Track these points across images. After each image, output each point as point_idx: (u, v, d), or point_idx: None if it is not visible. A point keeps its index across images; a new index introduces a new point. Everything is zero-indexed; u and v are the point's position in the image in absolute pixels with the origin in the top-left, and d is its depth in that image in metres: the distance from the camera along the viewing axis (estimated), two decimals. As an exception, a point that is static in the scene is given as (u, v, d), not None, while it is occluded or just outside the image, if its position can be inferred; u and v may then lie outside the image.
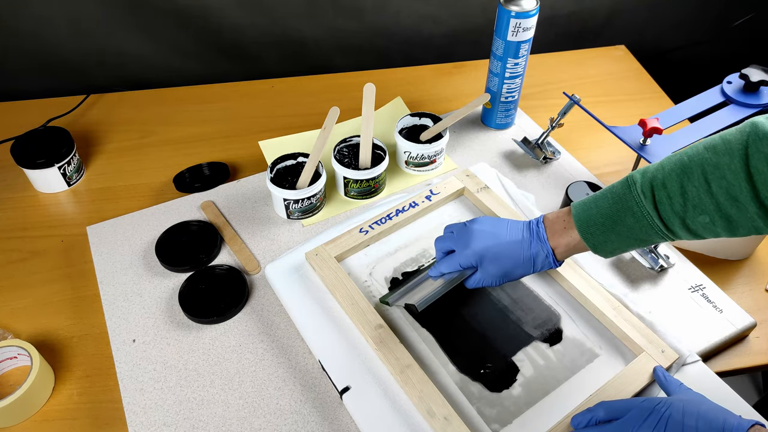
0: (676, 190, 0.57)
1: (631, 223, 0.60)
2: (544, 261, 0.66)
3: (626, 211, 0.60)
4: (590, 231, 0.62)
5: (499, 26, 0.92)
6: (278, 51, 1.21)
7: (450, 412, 0.63)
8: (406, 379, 0.66)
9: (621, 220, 0.60)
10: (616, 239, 0.61)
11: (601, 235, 0.62)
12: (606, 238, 0.62)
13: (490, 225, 0.69)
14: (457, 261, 0.68)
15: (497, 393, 0.67)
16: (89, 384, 0.73)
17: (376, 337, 0.69)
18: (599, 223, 0.61)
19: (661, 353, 0.68)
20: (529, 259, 0.66)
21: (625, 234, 0.60)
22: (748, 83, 0.94)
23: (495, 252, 0.66)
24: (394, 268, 0.79)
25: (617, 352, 0.70)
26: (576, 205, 0.64)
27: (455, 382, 0.68)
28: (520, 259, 0.66)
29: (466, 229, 0.69)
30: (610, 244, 0.62)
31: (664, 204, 0.57)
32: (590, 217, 0.62)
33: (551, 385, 0.68)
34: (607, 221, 0.61)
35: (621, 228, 0.60)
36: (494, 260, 0.66)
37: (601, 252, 0.63)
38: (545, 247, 0.65)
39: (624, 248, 0.62)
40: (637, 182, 0.59)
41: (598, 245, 0.63)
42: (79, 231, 0.89)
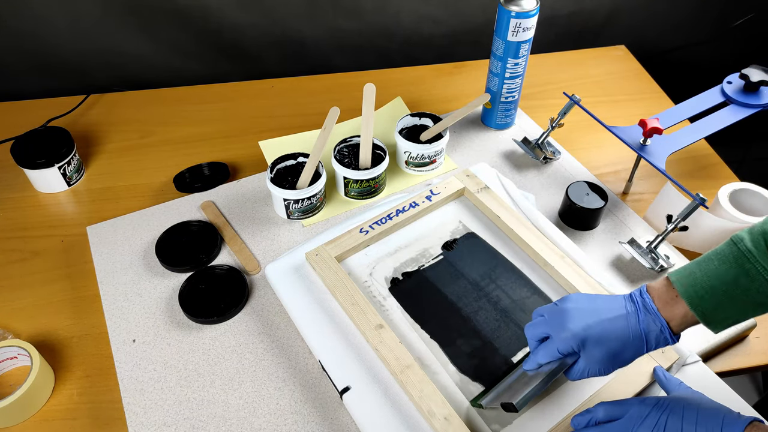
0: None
1: (745, 284, 0.53)
2: (659, 337, 0.57)
3: (738, 270, 0.54)
4: (700, 299, 0.55)
5: (499, 26, 0.92)
6: (278, 51, 1.21)
7: (450, 412, 0.63)
8: (406, 379, 0.66)
9: (735, 283, 0.54)
10: (729, 305, 0.54)
11: (712, 302, 0.55)
12: (718, 305, 0.54)
13: (587, 301, 0.60)
14: (555, 347, 0.59)
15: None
16: (89, 384, 0.73)
17: (376, 337, 0.69)
18: (709, 289, 0.54)
19: (661, 353, 0.68)
20: (639, 335, 0.57)
21: (740, 297, 0.54)
22: (748, 83, 0.94)
23: (598, 332, 0.57)
24: (394, 268, 0.79)
25: None
26: (676, 272, 0.57)
27: (455, 382, 0.68)
28: (628, 336, 0.57)
29: (559, 309, 0.60)
30: (723, 313, 0.55)
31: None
32: (697, 284, 0.55)
33: (551, 386, 0.68)
34: (719, 286, 0.54)
35: (734, 291, 0.54)
36: (598, 342, 0.57)
37: (714, 324, 0.56)
38: (657, 320, 0.57)
39: (739, 316, 0.55)
40: (745, 238, 0.54)
41: (709, 315, 0.55)
42: (79, 231, 0.89)
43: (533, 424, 0.64)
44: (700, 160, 1.01)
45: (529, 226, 0.80)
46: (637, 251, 0.82)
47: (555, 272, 0.76)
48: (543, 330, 0.60)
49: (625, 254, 0.84)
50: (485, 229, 0.84)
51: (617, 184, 0.96)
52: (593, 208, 0.85)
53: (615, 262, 0.83)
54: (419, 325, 0.73)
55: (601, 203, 0.86)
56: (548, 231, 0.82)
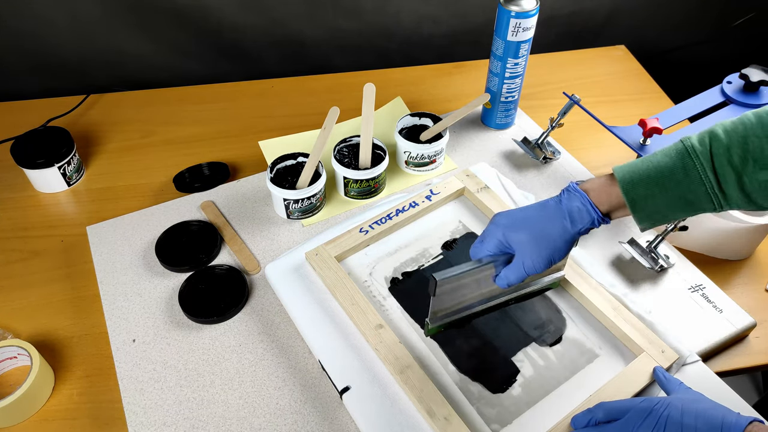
0: (736, 142, 0.51)
1: (680, 177, 0.54)
2: (581, 211, 0.57)
3: (678, 164, 0.54)
4: (632, 184, 0.55)
5: (499, 26, 0.92)
6: (278, 51, 1.21)
7: (450, 412, 0.63)
8: (406, 379, 0.66)
9: (670, 174, 0.54)
10: (660, 197, 0.55)
11: (644, 188, 0.55)
12: (649, 193, 0.55)
13: (515, 209, 0.63)
14: (483, 247, 0.62)
15: (497, 393, 0.67)
16: (89, 384, 0.73)
17: (376, 337, 0.69)
18: (644, 176, 0.55)
19: (661, 353, 0.68)
20: (563, 215, 0.57)
21: (673, 191, 0.54)
22: (748, 83, 0.94)
23: (522, 222, 0.58)
24: (394, 268, 0.79)
25: (617, 353, 0.70)
26: (621, 165, 0.58)
27: (455, 382, 0.68)
28: (553, 218, 0.57)
29: (490, 220, 0.64)
30: (652, 202, 0.55)
31: (720, 157, 0.52)
32: (635, 169, 0.56)
33: (551, 386, 0.68)
34: (654, 174, 0.55)
35: (668, 182, 0.54)
36: (525, 232, 0.58)
37: (640, 211, 0.56)
38: (580, 195, 0.57)
39: (667, 213, 0.56)
40: (692, 137, 0.54)
41: (638, 201, 0.56)
42: (79, 231, 0.89)
43: (533, 424, 0.64)
44: (700, 160, 1.01)
45: None
46: (637, 251, 0.82)
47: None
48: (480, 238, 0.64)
49: (625, 254, 0.84)
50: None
51: (617, 184, 0.96)
52: (593, 208, 0.85)
53: (615, 262, 0.83)
54: (419, 325, 0.73)
55: (601, 203, 0.85)
56: (548, 231, 0.82)
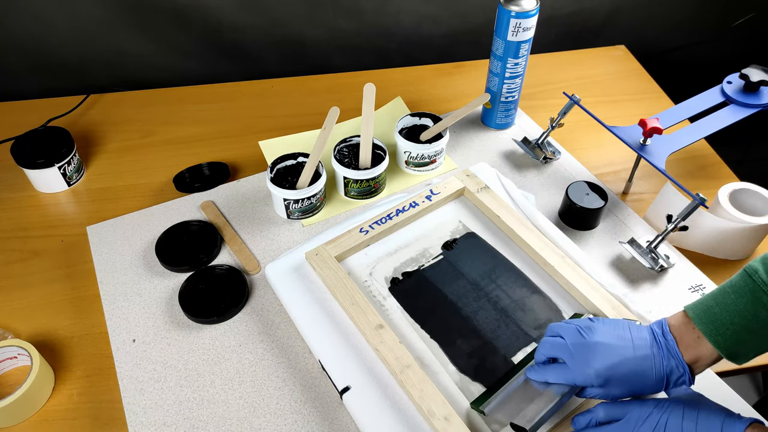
0: None
1: (764, 317, 0.52)
2: (678, 380, 0.56)
3: (755, 303, 0.53)
4: (723, 336, 0.54)
5: (499, 26, 0.92)
6: (278, 51, 1.21)
7: (450, 412, 0.63)
8: (406, 379, 0.66)
9: (752, 316, 0.53)
10: (751, 340, 0.54)
11: (733, 339, 0.54)
12: (739, 340, 0.54)
13: (612, 336, 0.58)
14: (571, 377, 0.58)
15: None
16: (89, 384, 0.73)
17: (376, 337, 0.69)
18: (730, 326, 0.54)
19: None
20: (661, 378, 0.56)
21: (761, 331, 0.53)
22: (748, 83, 0.94)
23: (622, 373, 0.56)
24: (394, 268, 0.79)
25: None
26: (695, 310, 0.56)
27: (455, 382, 0.68)
28: (652, 379, 0.56)
29: (584, 343, 0.58)
30: (745, 346, 0.54)
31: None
32: (717, 321, 0.54)
33: None
34: (739, 322, 0.53)
35: (754, 325, 0.53)
36: (621, 382, 0.56)
37: (737, 359, 0.55)
38: (681, 365, 0.56)
39: (761, 350, 0.55)
40: (759, 269, 0.53)
41: (732, 351, 0.54)
42: (79, 231, 0.89)
43: (533, 424, 0.64)
44: (700, 160, 1.01)
45: (529, 226, 0.81)
46: (637, 251, 0.82)
47: (555, 272, 0.76)
48: (561, 355, 0.59)
49: (625, 254, 0.84)
50: (485, 229, 0.84)
51: (617, 184, 0.96)
52: (593, 208, 0.85)
53: (615, 262, 0.83)
54: (419, 324, 0.73)
55: (601, 203, 0.86)
56: (548, 231, 0.82)
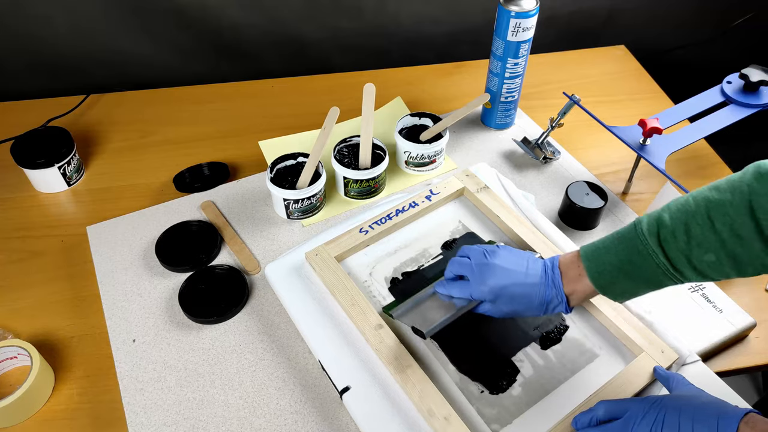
0: (681, 228, 0.56)
1: (638, 263, 0.58)
2: (557, 307, 0.65)
3: (634, 251, 0.59)
4: (600, 274, 0.61)
5: (499, 26, 0.92)
6: (278, 51, 1.21)
7: (450, 412, 0.63)
8: (406, 379, 0.66)
9: (629, 261, 0.59)
10: (625, 282, 0.60)
11: (609, 277, 0.60)
12: (614, 280, 0.60)
13: (510, 263, 0.66)
14: (469, 292, 0.66)
15: (497, 393, 0.67)
16: (89, 384, 0.73)
17: (376, 337, 0.69)
18: (609, 266, 0.60)
19: (661, 353, 0.68)
20: (542, 304, 0.64)
21: (635, 276, 0.59)
22: (748, 83, 0.94)
23: (511, 292, 0.65)
24: (394, 268, 0.79)
25: (617, 353, 0.70)
26: (585, 248, 0.63)
27: (455, 382, 0.68)
28: (534, 302, 0.65)
29: (486, 263, 0.66)
30: (620, 287, 0.61)
31: (669, 243, 0.57)
32: (600, 260, 0.61)
33: (551, 386, 0.68)
34: (616, 262, 0.60)
35: (629, 269, 0.59)
36: (509, 300, 0.65)
37: (611, 295, 0.62)
38: (560, 294, 0.64)
39: (635, 292, 0.61)
40: (643, 222, 0.59)
41: (607, 288, 0.61)
42: (79, 231, 0.89)
43: (533, 424, 0.64)
44: (700, 160, 1.01)
45: (529, 226, 0.80)
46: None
47: None
48: (466, 272, 0.68)
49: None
50: (485, 229, 0.84)
51: (617, 184, 0.96)
52: (593, 208, 0.85)
53: (615, 262, 0.83)
54: None
55: (601, 203, 0.86)
56: (548, 231, 0.82)
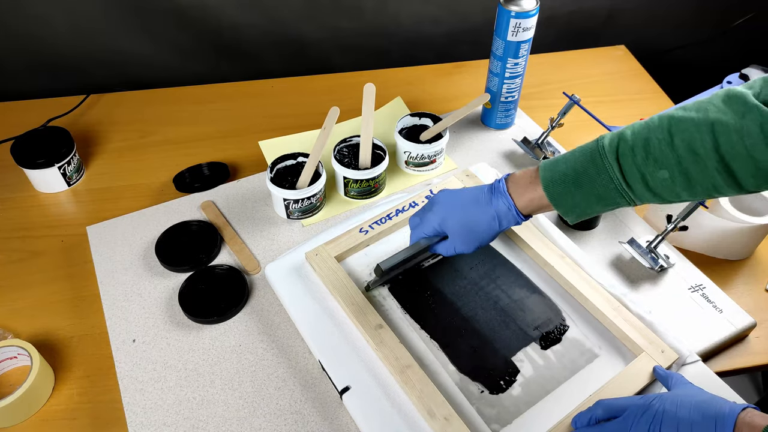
0: (640, 143, 0.57)
1: (593, 175, 0.59)
2: (507, 215, 0.65)
3: (590, 163, 0.60)
4: (553, 182, 0.62)
5: (499, 26, 0.92)
6: (278, 51, 1.21)
7: (450, 412, 0.63)
8: (406, 379, 0.66)
9: (584, 172, 0.60)
10: (577, 194, 0.61)
11: (562, 186, 0.61)
12: (567, 190, 0.61)
13: (452, 193, 0.69)
14: (421, 229, 0.69)
15: (497, 393, 0.67)
16: (89, 384, 0.73)
17: (376, 337, 0.69)
18: (563, 175, 0.61)
19: (661, 353, 0.68)
20: (492, 216, 0.65)
21: (587, 188, 0.60)
22: (748, 83, 0.94)
23: (457, 213, 0.66)
24: (394, 268, 0.79)
25: (617, 353, 0.70)
26: (545, 161, 0.64)
27: (455, 382, 0.68)
28: (482, 216, 0.65)
29: (434, 199, 0.70)
30: (571, 199, 0.61)
31: (626, 156, 0.58)
32: (555, 169, 0.62)
33: (551, 386, 0.68)
34: (571, 173, 0.61)
35: (583, 180, 0.60)
36: (458, 223, 0.66)
37: (562, 207, 0.62)
38: (506, 199, 0.64)
39: (586, 208, 0.62)
40: (606, 137, 0.60)
41: (558, 198, 0.62)
42: (79, 231, 0.89)
43: (533, 424, 0.64)
44: (700, 160, 1.01)
45: (529, 226, 0.80)
46: (637, 251, 0.82)
47: (555, 272, 0.76)
48: (417, 217, 0.70)
49: (625, 254, 0.84)
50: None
51: (617, 184, 0.96)
52: (593, 208, 0.85)
53: (615, 262, 0.83)
54: (419, 325, 0.73)
55: (601, 203, 0.86)
56: (548, 231, 0.82)
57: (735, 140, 0.53)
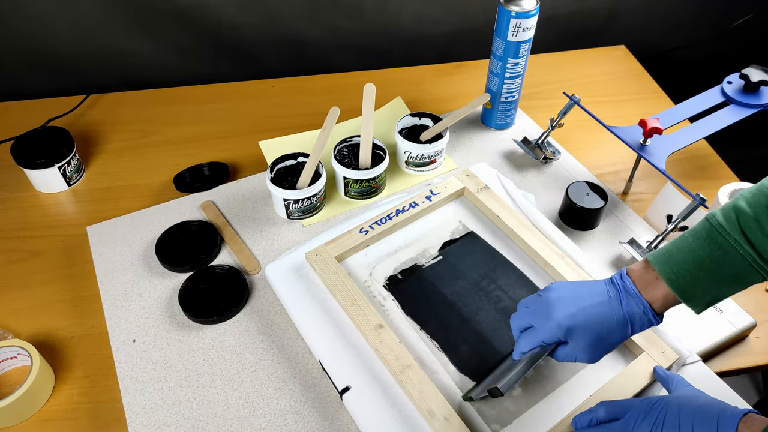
0: (763, 213, 0.53)
1: (719, 258, 0.54)
2: (642, 319, 0.57)
3: (713, 246, 0.54)
4: (677, 275, 0.56)
5: (499, 26, 0.92)
6: (278, 51, 1.21)
7: (450, 412, 0.63)
8: (406, 378, 0.66)
9: (710, 257, 0.54)
10: (706, 280, 0.55)
11: (690, 277, 0.55)
12: (695, 280, 0.55)
13: (569, 289, 0.61)
14: (539, 337, 0.60)
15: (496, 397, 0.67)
16: (89, 384, 0.73)
17: (376, 336, 0.69)
18: (684, 264, 0.55)
19: (662, 354, 0.68)
20: (623, 319, 0.58)
21: (715, 272, 0.55)
22: (748, 83, 0.94)
23: (582, 319, 0.58)
24: (394, 268, 0.79)
25: (617, 353, 0.70)
26: (652, 253, 0.58)
27: (455, 382, 0.68)
28: (613, 321, 0.58)
29: (543, 300, 0.61)
30: (700, 288, 0.55)
31: (751, 229, 0.53)
32: (672, 261, 0.56)
33: (551, 386, 0.68)
34: (693, 260, 0.55)
35: (709, 265, 0.54)
36: (583, 329, 0.58)
37: (693, 299, 0.56)
38: (640, 302, 0.57)
39: (717, 292, 0.56)
40: (717, 214, 0.55)
41: (686, 290, 0.56)
42: (79, 231, 0.89)
43: (533, 424, 0.64)
44: (700, 160, 1.01)
45: (529, 226, 0.81)
46: (637, 251, 0.82)
47: (555, 272, 0.76)
48: (527, 321, 0.61)
49: (625, 254, 0.84)
50: (485, 229, 0.84)
51: (617, 184, 0.96)
52: (593, 208, 0.85)
53: (615, 262, 0.83)
54: (419, 325, 0.73)
55: (601, 203, 0.86)
56: (548, 231, 0.82)
57: None
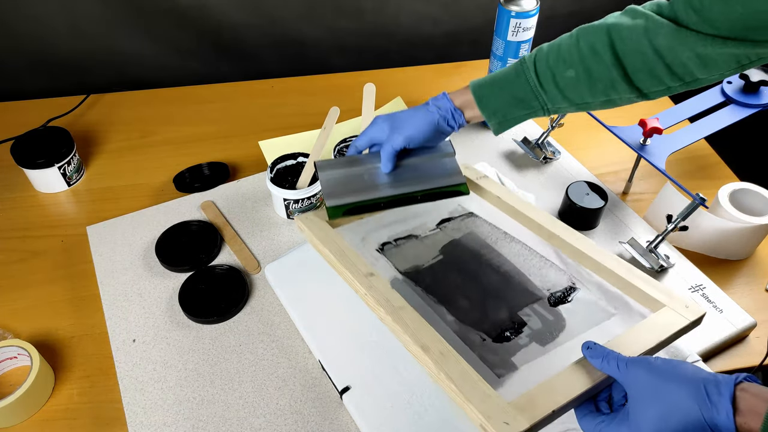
0: (553, 49, 0.69)
1: (512, 79, 0.70)
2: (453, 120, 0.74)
3: (512, 70, 0.71)
4: (480, 86, 0.72)
5: (499, 26, 0.92)
6: (278, 51, 1.21)
7: (447, 347, 0.57)
8: (398, 319, 0.61)
9: (505, 77, 0.71)
10: (499, 96, 0.71)
11: (487, 89, 0.72)
12: (491, 92, 0.71)
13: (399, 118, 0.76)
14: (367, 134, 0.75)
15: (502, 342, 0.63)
16: (89, 384, 0.73)
17: (365, 283, 0.66)
18: (488, 80, 0.72)
19: (686, 308, 0.62)
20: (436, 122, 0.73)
21: (507, 90, 0.70)
22: (748, 83, 0.94)
23: (400, 117, 0.74)
24: (388, 236, 0.77)
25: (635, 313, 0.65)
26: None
27: (454, 330, 0.64)
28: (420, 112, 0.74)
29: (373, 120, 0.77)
30: (493, 101, 0.71)
31: (541, 61, 0.69)
32: (483, 78, 0.73)
33: (564, 338, 0.63)
34: (495, 78, 0.72)
35: (504, 83, 0.71)
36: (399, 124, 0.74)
37: (486, 110, 0.72)
38: (444, 98, 0.74)
39: (506, 112, 0.71)
40: (535, 48, 0.71)
41: (483, 100, 0.72)
42: (79, 231, 0.89)
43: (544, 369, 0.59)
44: (700, 160, 1.01)
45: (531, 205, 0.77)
46: (637, 251, 0.82)
47: (562, 242, 0.72)
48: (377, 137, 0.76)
49: (625, 254, 0.84)
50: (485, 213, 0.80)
51: (617, 184, 0.96)
52: (593, 208, 0.85)
53: (615, 262, 0.83)
54: (413, 282, 0.70)
55: (601, 203, 0.86)
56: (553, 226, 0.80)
57: (625, 37, 0.65)
